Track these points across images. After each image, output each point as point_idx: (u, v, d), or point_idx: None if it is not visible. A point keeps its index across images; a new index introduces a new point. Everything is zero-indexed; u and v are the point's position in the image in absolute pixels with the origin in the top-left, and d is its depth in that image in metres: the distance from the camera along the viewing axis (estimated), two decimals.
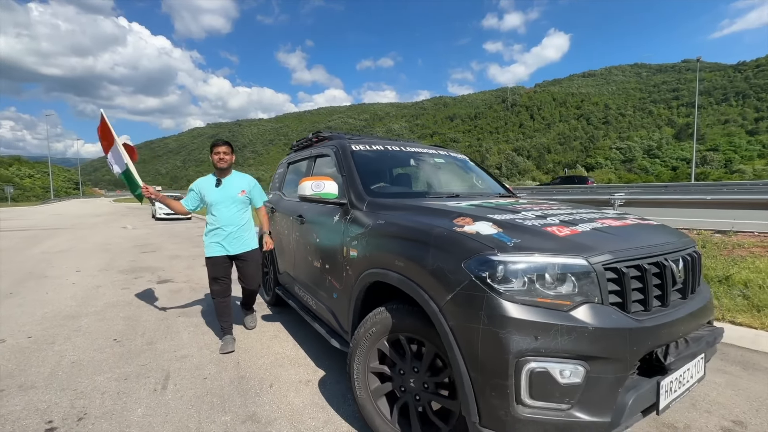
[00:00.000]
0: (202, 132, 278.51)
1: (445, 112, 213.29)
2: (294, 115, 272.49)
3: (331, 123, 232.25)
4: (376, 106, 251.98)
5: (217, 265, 2.94)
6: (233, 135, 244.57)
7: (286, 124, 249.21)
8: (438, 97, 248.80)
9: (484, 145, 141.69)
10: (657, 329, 1.37)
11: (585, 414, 1.26)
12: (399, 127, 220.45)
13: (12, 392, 2.28)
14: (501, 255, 1.34)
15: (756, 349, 2.87)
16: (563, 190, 13.78)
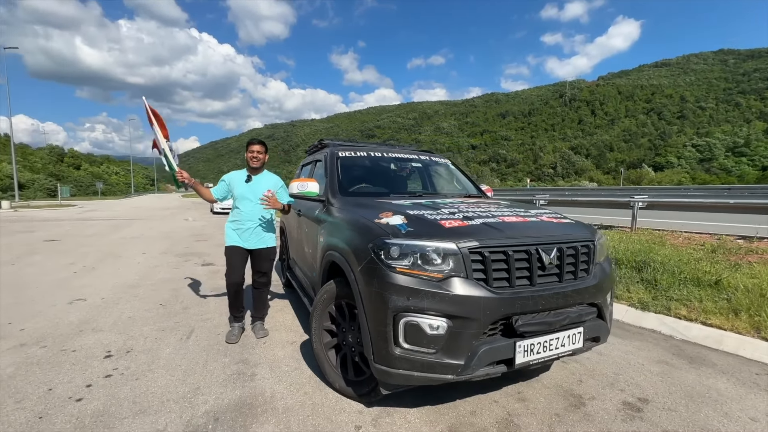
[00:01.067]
0: (260, 132, 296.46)
1: (496, 109, 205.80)
2: (344, 115, 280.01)
3: (380, 122, 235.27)
4: (425, 105, 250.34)
5: (234, 254, 3.05)
6: (287, 135, 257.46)
7: (337, 124, 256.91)
8: (489, 93, 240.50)
9: (537, 143, 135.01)
10: (512, 301, 1.76)
11: (445, 357, 1.70)
12: (448, 125, 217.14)
13: (87, 333, 3.17)
14: (393, 239, 1.82)
15: (716, 348, 2.96)
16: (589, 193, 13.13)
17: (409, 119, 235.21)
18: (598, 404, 2.18)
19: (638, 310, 3.65)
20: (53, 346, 2.87)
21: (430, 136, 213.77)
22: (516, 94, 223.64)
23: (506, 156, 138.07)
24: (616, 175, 73.40)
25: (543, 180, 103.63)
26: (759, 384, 2.42)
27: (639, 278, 4.24)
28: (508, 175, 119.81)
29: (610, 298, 2.28)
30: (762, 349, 2.81)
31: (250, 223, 3.06)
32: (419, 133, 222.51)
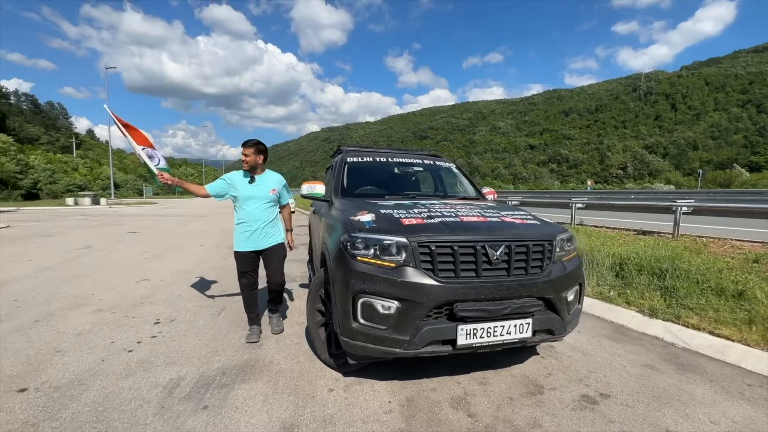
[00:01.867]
0: (317, 135, 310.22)
1: (558, 106, 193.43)
2: (398, 117, 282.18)
3: (433, 123, 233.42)
4: (481, 104, 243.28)
5: (245, 260, 3.05)
6: (342, 137, 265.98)
7: (390, 126, 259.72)
8: (551, 90, 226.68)
9: (605, 142, 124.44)
10: (454, 289, 2.01)
11: (394, 333, 2.02)
12: (504, 124, 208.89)
13: (145, 305, 3.93)
14: (358, 233, 2.17)
15: (717, 358, 2.85)
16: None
17: (463, 119, 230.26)
18: (555, 394, 2.32)
19: (645, 316, 3.56)
20: (119, 313, 3.65)
21: (485, 137, 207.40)
22: (581, 90, 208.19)
23: (568, 156, 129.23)
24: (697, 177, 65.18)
25: (609, 182, 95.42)
26: (744, 394, 2.36)
27: (658, 285, 4.07)
28: (569, 177, 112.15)
29: (574, 294, 2.40)
30: (765, 362, 2.68)
31: (258, 223, 3.04)
32: (473, 133, 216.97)
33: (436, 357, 2.59)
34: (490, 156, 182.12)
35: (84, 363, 2.60)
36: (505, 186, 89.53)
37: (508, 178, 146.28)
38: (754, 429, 2.01)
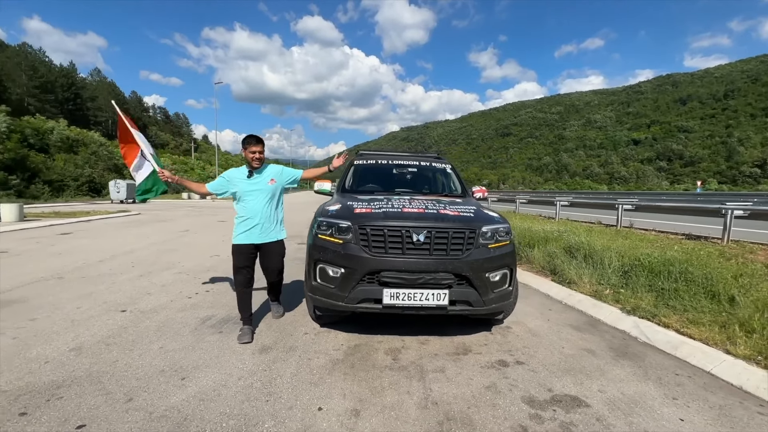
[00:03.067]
0: (396, 135, 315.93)
1: (672, 94, 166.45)
2: (479, 114, 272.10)
3: (517, 119, 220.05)
4: (574, 96, 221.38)
5: (242, 253, 3.01)
6: (421, 136, 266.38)
7: (471, 124, 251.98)
8: (665, 75, 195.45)
9: (735, 134, 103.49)
10: (382, 261, 2.66)
11: (337, 290, 2.75)
12: (602, 117, 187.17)
13: (210, 272, 5.26)
14: (321, 217, 2.96)
15: (669, 353, 2.95)
16: None
17: (552, 113, 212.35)
18: (476, 357, 2.80)
19: (624, 313, 3.65)
20: (191, 275, 5.02)
21: (577, 132, 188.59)
22: (705, 73, 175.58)
23: (682, 152, 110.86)
24: None
25: (739, 183, 79.29)
26: (661, 379, 2.54)
27: (658, 287, 4.02)
28: (682, 177, 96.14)
29: (500, 277, 2.85)
30: (710, 357, 2.73)
31: (258, 218, 3.02)
32: (563, 128, 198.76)
33: (401, 322, 3.27)
34: (583, 153, 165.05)
35: (160, 301, 3.87)
36: (595, 186, 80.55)
37: (603, 177, 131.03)
38: (636, 400, 2.27)
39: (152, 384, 2.28)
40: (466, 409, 2.12)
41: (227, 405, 2.09)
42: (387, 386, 2.35)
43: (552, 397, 2.27)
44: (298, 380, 2.38)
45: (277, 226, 3.21)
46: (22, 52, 64.88)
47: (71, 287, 4.29)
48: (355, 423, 1.97)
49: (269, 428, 1.90)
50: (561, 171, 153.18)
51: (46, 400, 2.08)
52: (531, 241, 6.45)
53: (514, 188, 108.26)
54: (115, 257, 6.10)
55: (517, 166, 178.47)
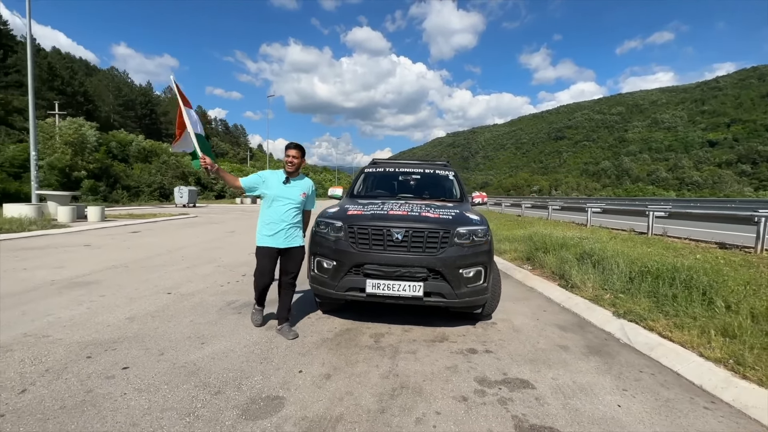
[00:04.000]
0: (442, 141, 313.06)
1: (759, 89, 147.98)
2: (530, 117, 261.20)
3: (571, 121, 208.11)
4: (637, 95, 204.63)
5: (266, 256, 3.12)
6: (467, 142, 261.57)
7: (520, 128, 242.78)
8: (749, 69, 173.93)
9: None
10: (365, 255, 3.09)
11: (329, 280, 3.24)
12: (670, 117, 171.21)
13: (243, 267, 6.03)
14: (320, 218, 3.47)
15: (644, 353, 3.05)
16: None
17: (611, 114, 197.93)
18: (450, 344, 3.12)
19: (614, 316, 3.73)
20: (227, 268, 5.81)
21: (640, 133, 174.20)
22: None
23: None
24: None
25: None
26: (622, 375, 2.68)
27: (657, 293, 4.00)
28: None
29: (474, 273, 3.14)
30: (681, 358, 2.81)
31: (284, 223, 3.10)
32: (625, 130, 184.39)
33: (393, 313, 3.68)
34: (648, 156, 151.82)
35: (198, 287, 4.63)
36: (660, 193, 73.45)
37: (671, 183, 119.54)
38: (584, 388, 2.46)
39: (179, 345, 2.92)
40: (421, 382, 2.48)
41: (230, 363, 2.65)
42: (361, 360, 2.77)
43: (503, 379, 2.55)
44: (289, 351, 2.89)
45: (299, 232, 3.28)
46: (110, 74, 74.51)
47: (133, 274, 5.25)
48: (324, 383, 2.42)
49: (257, 381, 2.41)
50: (621, 176, 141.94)
51: (104, 349, 2.79)
52: (547, 246, 6.48)
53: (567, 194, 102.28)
54: (170, 252, 7.16)
55: (571, 171, 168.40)
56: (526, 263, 6.53)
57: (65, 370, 2.46)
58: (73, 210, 11.07)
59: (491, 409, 2.18)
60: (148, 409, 2.06)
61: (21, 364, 2.53)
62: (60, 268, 5.44)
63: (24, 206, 10.30)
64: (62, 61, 60.28)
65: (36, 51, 56.01)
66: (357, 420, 2.04)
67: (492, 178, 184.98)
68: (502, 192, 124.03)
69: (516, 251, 7.27)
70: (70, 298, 4.03)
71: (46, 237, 8.69)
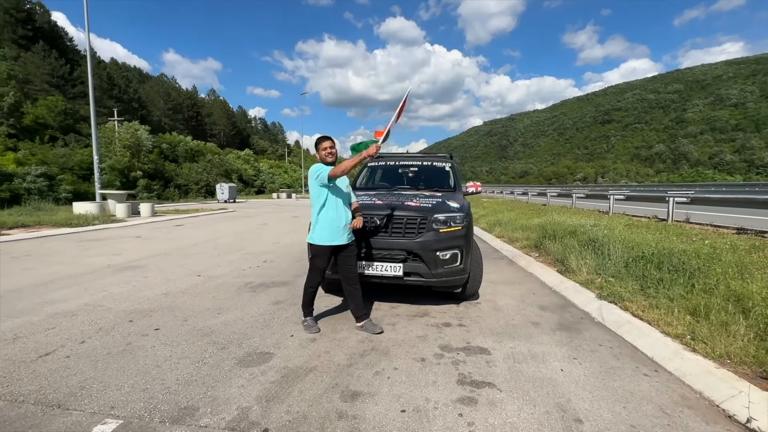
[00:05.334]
0: (478, 129, 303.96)
1: None
2: (573, 100, 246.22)
3: (620, 103, 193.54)
4: (698, 70, 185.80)
5: (324, 256, 3.03)
6: (505, 130, 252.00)
7: (562, 113, 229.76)
8: None
9: None
10: (358, 240, 3.52)
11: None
12: (739, 92, 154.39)
13: (266, 254, 6.71)
14: None
15: (611, 330, 3.23)
16: None
17: (667, 93, 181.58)
18: (429, 319, 3.48)
19: (597, 298, 3.88)
20: (252, 255, 6.52)
21: (702, 112, 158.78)
22: None
23: None
24: None
25: None
26: (580, 347, 2.91)
27: (648, 275, 4.08)
28: None
29: (450, 256, 3.45)
30: (643, 334, 2.98)
31: (344, 219, 3.04)
32: (684, 109, 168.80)
33: (389, 293, 4.10)
34: (710, 137, 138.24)
35: (224, 271, 5.33)
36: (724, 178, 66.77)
37: (738, 166, 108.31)
38: (536, 356, 2.74)
39: (200, 314, 3.54)
40: (390, 346, 2.89)
41: (237, 327, 3.21)
42: (344, 329, 3.23)
43: (464, 347, 2.89)
44: (287, 321, 3.41)
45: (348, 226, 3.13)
46: (160, 81, 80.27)
47: (172, 260, 6.08)
48: (309, 344, 2.91)
49: (256, 341, 2.95)
50: (678, 160, 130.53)
51: (143, 316, 3.48)
52: (555, 234, 6.54)
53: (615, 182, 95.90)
54: (207, 242, 8.06)
55: (620, 156, 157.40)
56: (533, 251, 6.65)
57: (113, 330, 3.15)
58: (128, 207, 12.59)
59: (443, 368, 2.55)
60: (170, 357, 2.66)
61: (82, 324, 3.27)
62: (115, 255, 6.43)
63: (89, 204, 11.88)
64: (119, 71, 65.96)
65: (96, 63, 61.75)
66: (326, 371, 2.50)
67: (532, 167, 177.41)
68: (543, 181, 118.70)
69: (527, 239, 7.37)
70: (121, 279, 4.86)
71: (106, 230, 10.03)
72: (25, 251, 6.82)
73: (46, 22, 62.49)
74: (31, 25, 58.43)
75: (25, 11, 59.11)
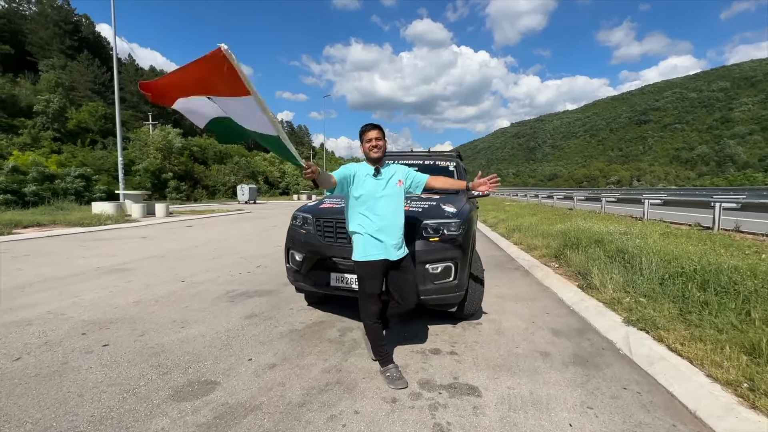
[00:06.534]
0: (505, 131, 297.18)
1: None
2: (606, 100, 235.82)
3: (659, 102, 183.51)
4: (746, 67, 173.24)
5: (376, 275, 2.39)
6: (533, 131, 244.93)
7: (595, 113, 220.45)
8: None
9: None
10: (328, 249, 3.06)
11: (300, 271, 3.27)
12: None
13: (262, 258, 6.38)
14: (296, 211, 3.52)
15: (639, 366, 2.60)
16: None
17: (711, 91, 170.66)
18: (415, 345, 2.96)
19: (623, 322, 3.22)
20: (247, 260, 6.20)
21: (751, 111, 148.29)
22: None
23: None
24: None
25: None
26: (598, 390, 2.31)
27: (691, 298, 3.37)
28: None
29: (442, 269, 2.93)
30: (683, 377, 2.33)
31: (392, 228, 2.41)
32: (730, 108, 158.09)
33: None
34: (760, 138, 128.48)
35: (211, 276, 5.01)
36: None
37: None
38: (539, 402, 2.17)
39: (161, 328, 3.19)
40: (360, 379, 2.40)
41: (193, 347, 2.82)
42: (314, 353, 2.77)
43: (450, 384, 2.35)
44: (253, 339, 2.99)
45: (403, 235, 2.52)
46: None
47: (164, 263, 5.86)
48: (265, 372, 2.46)
49: (206, 365, 2.54)
50: (724, 162, 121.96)
51: (99, 328, 3.16)
52: (579, 242, 5.82)
53: (653, 185, 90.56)
54: (208, 244, 7.86)
55: (657, 158, 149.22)
56: (553, 260, 5.95)
57: (59, 344, 2.84)
58: (143, 207, 12.78)
59: (416, 414, 2.03)
60: (100, 383, 2.29)
61: (30, 336, 2.98)
62: (110, 257, 6.30)
63: (106, 204, 12.14)
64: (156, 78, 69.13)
65: (134, 70, 64.97)
66: (271, 411, 2.04)
67: (561, 169, 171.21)
68: (574, 184, 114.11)
69: (548, 247, 6.65)
70: (102, 283, 4.64)
71: (115, 230, 10.11)
72: (26, 251, 6.84)
73: (91, 33, 66.57)
74: (78, 36, 62.43)
75: (73, 23, 63.20)
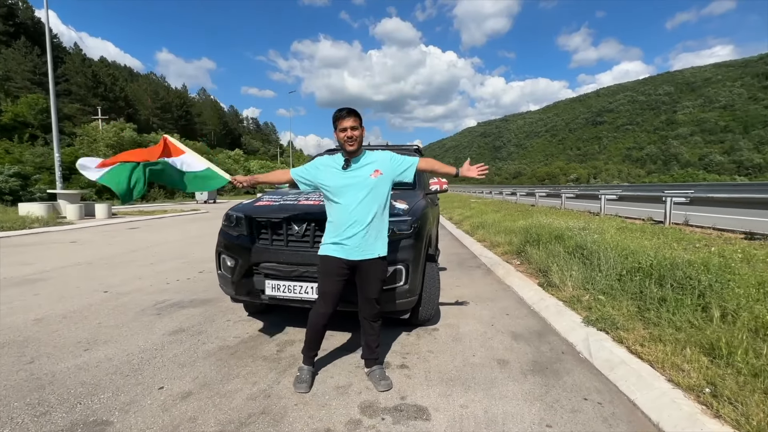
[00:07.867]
0: (473, 130, 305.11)
1: None
2: (566, 102, 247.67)
3: (612, 104, 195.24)
4: (688, 72, 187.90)
5: (330, 273, 2.18)
6: (499, 130, 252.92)
7: (556, 114, 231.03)
8: None
9: None
10: (262, 252, 2.67)
11: (231, 279, 2.85)
12: (728, 94, 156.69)
13: (209, 263, 5.82)
14: (228, 210, 3.08)
15: (600, 372, 2.43)
16: None
17: (659, 95, 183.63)
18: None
19: (583, 322, 3.07)
20: (190, 265, 5.60)
21: (692, 114, 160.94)
22: None
23: None
24: None
25: None
26: (557, 403, 2.10)
27: (647, 294, 3.28)
28: None
29: (390, 271, 2.61)
30: (644, 383, 2.16)
31: (358, 225, 2.16)
32: (674, 111, 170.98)
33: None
34: (700, 138, 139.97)
35: (141, 285, 4.43)
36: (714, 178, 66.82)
37: (727, 167, 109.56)
38: (493, 423, 1.92)
39: (60, 351, 2.66)
40: (291, 406, 2.04)
41: (94, 374, 2.34)
42: (242, 375, 2.37)
43: (395, 406, 2.05)
44: (171, 361, 2.54)
45: (381, 236, 2.25)
46: (149, 79, 78.73)
47: (88, 271, 5.17)
48: (175, 404, 2.04)
49: (102, 399, 2.07)
50: (669, 161, 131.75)
51: None
52: (540, 239, 5.75)
53: (608, 183, 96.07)
54: (149, 248, 7.14)
55: (612, 157, 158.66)
56: (515, 257, 5.85)
57: None
58: (80, 208, 11.56)
59: None
60: None
61: None
62: (25, 265, 5.49)
63: (33, 205, 10.85)
64: (105, 69, 64.41)
65: (81, 60, 60.05)
66: None
67: (525, 168, 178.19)
68: (536, 182, 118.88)
69: (510, 244, 6.57)
70: (4, 297, 3.95)
71: (41, 234, 9.00)
72: None
73: (29, 18, 60.76)
74: (13, 21, 56.74)
75: (7, 6, 57.38)
